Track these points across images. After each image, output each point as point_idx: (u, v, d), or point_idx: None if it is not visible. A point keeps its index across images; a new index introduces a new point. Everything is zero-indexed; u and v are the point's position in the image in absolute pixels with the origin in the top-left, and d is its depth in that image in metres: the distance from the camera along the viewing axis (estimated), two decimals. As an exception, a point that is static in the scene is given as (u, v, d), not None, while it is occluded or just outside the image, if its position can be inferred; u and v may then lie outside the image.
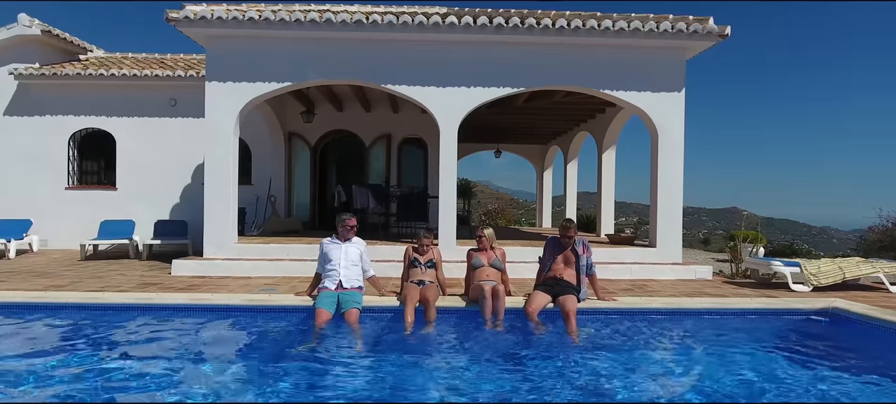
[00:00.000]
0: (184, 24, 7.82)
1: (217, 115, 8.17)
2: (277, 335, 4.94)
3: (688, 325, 5.51)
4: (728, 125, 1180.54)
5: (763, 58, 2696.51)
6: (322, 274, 5.42)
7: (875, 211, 13.59)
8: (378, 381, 3.78)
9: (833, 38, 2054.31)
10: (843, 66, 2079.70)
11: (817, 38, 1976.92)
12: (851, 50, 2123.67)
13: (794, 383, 3.91)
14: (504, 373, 3.98)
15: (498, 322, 5.00)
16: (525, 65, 8.33)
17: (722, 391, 3.76)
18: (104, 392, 3.36)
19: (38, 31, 11.46)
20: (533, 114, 12.43)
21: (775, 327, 5.61)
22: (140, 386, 3.55)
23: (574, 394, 3.52)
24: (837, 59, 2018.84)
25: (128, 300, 5.55)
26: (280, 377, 3.81)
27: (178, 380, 3.66)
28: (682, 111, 8.47)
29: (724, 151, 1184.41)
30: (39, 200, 11.46)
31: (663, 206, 8.54)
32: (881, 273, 7.30)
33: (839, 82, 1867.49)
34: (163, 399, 3.30)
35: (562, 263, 5.61)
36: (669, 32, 7.99)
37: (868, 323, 5.25)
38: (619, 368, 4.11)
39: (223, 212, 8.22)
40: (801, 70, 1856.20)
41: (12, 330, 4.85)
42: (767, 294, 6.80)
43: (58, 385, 3.47)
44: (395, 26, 7.87)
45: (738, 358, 4.49)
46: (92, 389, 3.41)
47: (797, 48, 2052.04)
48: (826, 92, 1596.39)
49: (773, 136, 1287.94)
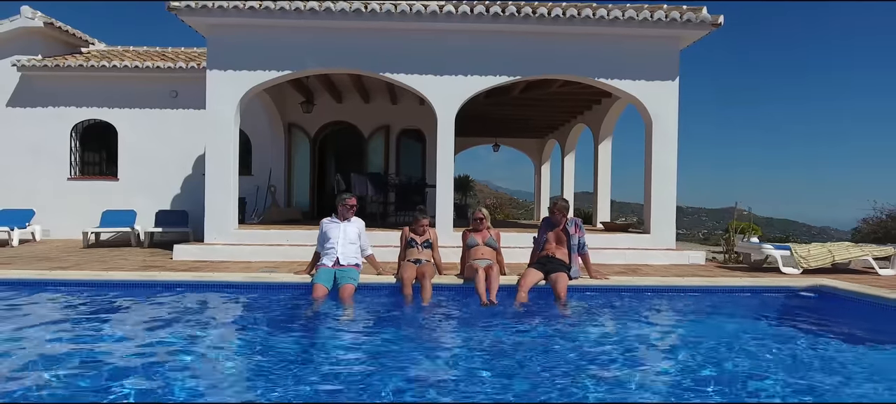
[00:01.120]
0: (185, 13, 7.95)
1: (218, 103, 8.31)
2: (276, 307, 5.08)
3: (677, 302, 5.66)
4: (728, 125, 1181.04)
5: (760, 57, 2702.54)
6: (321, 252, 5.57)
7: (869, 203, 13.77)
8: (373, 351, 3.90)
9: (832, 39, 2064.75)
10: (843, 66, 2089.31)
11: (817, 39, 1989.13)
12: (851, 50, 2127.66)
13: (788, 347, 4.06)
14: (495, 345, 4.10)
15: (491, 298, 5.13)
16: (521, 53, 8.47)
17: (713, 358, 3.89)
18: (110, 362, 3.48)
19: (41, 23, 11.59)
20: (529, 105, 12.56)
21: (765, 301, 5.78)
22: (143, 353, 3.68)
23: (564, 369, 3.61)
24: (837, 60, 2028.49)
25: (133, 277, 5.69)
26: (277, 343, 3.95)
27: (180, 348, 3.79)
28: (675, 100, 8.60)
29: (725, 152, 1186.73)
30: (42, 190, 11.59)
31: (657, 193, 8.67)
32: (870, 256, 7.44)
33: (839, 82, 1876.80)
34: (167, 366, 3.43)
35: (554, 242, 5.75)
36: (663, 21, 8.13)
37: (854, 298, 5.40)
38: (607, 340, 4.24)
39: (224, 198, 8.35)
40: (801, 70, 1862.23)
41: (25, 305, 4.99)
42: (765, 276, 6.94)
43: (69, 356, 3.58)
44: (392, 15, 8.00)
45: (729, 328, 4.65)
46: (100, 360, 3.53)
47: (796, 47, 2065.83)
48: (826, 92, 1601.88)
49: (773, 137, 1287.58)
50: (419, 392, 2.95)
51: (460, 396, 2.95)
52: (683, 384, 3.27)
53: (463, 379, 3.20)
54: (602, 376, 3.31)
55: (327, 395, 2.90)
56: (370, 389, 2.98)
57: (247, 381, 3.22)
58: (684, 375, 3.44)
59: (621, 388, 3.11)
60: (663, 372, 3.50)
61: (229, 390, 3.03)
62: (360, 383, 3.10)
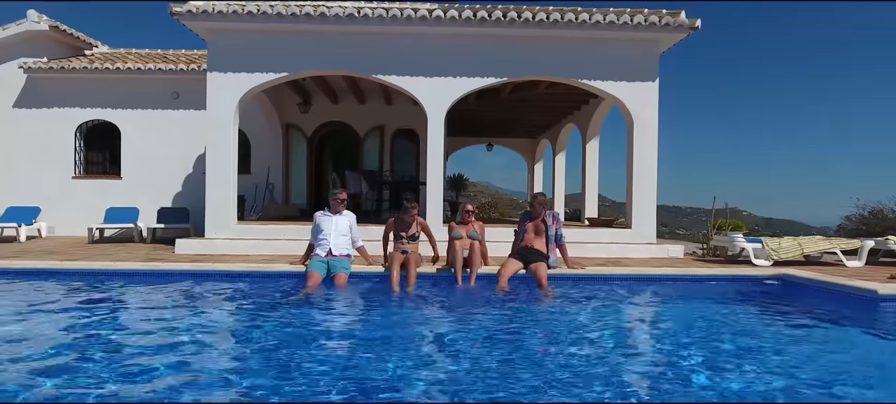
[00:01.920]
0: (187, 19, 8.34)
1: (218, 105, 8.69)
2: (272, 293, 5.47)
3: (647, 290, 6.06)
4: (729, 125, 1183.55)
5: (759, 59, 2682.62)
6: (314, 243, 5.96)
7: (852, 200, 14.14)
8: (362, 327, 4.30)
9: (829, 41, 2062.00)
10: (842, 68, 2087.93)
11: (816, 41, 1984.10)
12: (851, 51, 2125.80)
13: (750, 326, 4.55)
14: (474, 326, 4.50)
15: (470, 282, 5.51)
16: (508, 56, 8.85)
17: (673, 334, 4.30)
18: (120, 343, 3.87)
19: (46, 26, 11.98)
20: (519, 107, 12.95)
21: (732, 289, 6.20)
22: (146, 332, 4.07)
23: (534, 342, 4.00)
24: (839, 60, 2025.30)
25: (138, 267, 6.08)
26: (272, 322, 4.35)
27: (185, 327, 4.18)
28: (656, 100, 8.98)
29: (725, 152, 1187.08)
30: (47, 189, 11.97)
31: (638, 190, 9.06)
32: (837, 249, 7.83)
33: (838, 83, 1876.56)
34: (173, 345, 3.81)
35: (533, 233, 6.14)
36: (643, 25, 8.51)
37: (812, 286, 5.82)
38: (582, 322, 4.64)
39: (224, 195, 8.73)
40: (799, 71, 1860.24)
41: (36, 291, 5.38)
42: (733, 267, 7.33)
43: (80, 339, 3.97)
44: (384, 20, 8.39)
45: (692, 311, 5.07)
46: (109, 339, 3.92)
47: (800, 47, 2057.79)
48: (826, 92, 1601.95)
49: (775, 138, 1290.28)
50: (405, 366, 3.31)
51: (439, 368, 3.33)
52: (646, 357, 3.71)
53: (443, 357, 3.56)
54: (574, 352, 3.69)
55: (318, 371, 3.24)
56: (358, 366, 3.34)
57: (241, 360, 3.55)
58: (648, 350, 3.90)
59: (595, 362, 3.48)
60: (630, 350, 3.91)
61: (228, 366, 3.38)
62: (344, 363, 3.46)
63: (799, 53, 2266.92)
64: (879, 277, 6.22)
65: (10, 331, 3.89)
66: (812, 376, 3.23)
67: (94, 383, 2.84)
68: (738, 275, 6.42)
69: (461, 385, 2.96)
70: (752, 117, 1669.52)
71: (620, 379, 3.12)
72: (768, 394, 2.88)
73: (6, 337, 3.72)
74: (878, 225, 13.22)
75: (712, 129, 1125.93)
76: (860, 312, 5.01)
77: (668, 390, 2.95)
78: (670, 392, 2.92)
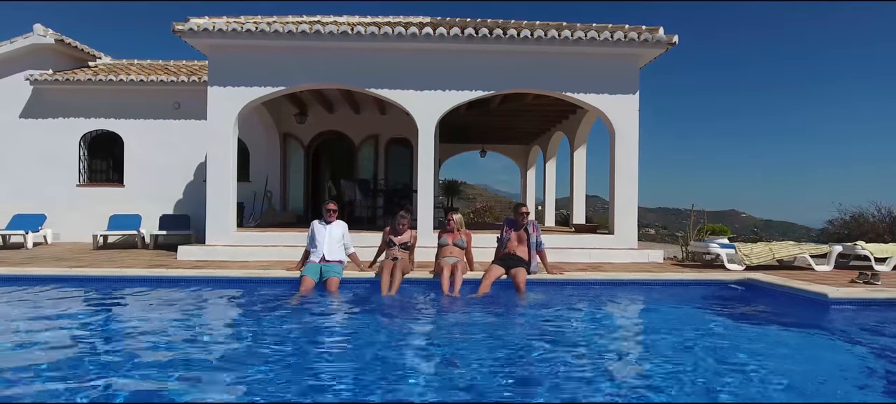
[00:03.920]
0: (188, 35, 8.75)
1: (218, 116, 9.10)
2: (269, 297, 5.88)
3: (619, 293, 6.48)
4: (729, 125, 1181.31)
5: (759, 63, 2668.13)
6: (310, 249, 6.38)
7: (834, 205, 14.60)
8: (352, 327, 4.71)
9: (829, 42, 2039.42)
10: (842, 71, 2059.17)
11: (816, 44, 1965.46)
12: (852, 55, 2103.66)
13: (713, 325, 5.02)
14: (455, 326, 4.91)
15: (454, 291, 5.93)
16: (496, 70, 9.27)
17: (638, 332, 4.72)
18: (125, 344, 4.27)
19: (52, 39, 12.40)
20: (509, 116, 13.39)
21: (700, 293, 6.60)
22: (152, 330, 4.47)
23: (513, 342, 4.40)
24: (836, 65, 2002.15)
25: (143, 273, 6.48)
26: (269, 322, 4.76)
27: (187, 326, 4.59)
28: (636, 112, 9.40)
29: (726, 152, 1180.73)
30: (52, 197, 12.37)
31: (620, 197, 9.47)
32: (807, 254, 8.24)
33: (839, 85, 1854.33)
34: (175, 342, 4.22)
35: (515, 241, 6.55)
36: (623, 41, 8.94)
37: (773, 290, 6.24)
38: (555, 322, 5.06)
39: (224, 203, 9.14)
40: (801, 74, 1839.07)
41: (49, 297, 5.79)
42: (703, 272, 7.73)
43: (87, 339, 4.37)
44: (376, 36, 8.81)
45: (656, 313, 5.50)
46: (117, 338, 4.33)
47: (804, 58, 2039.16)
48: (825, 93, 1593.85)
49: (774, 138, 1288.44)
50: (389, 361, 3.71)
51: (421, 361, 3.73)
52: (615, 349, 4.18)
53: (427, 355, 3.96)
54: (547, 349, 4.10)
55: (314, 368, 3.64)
56: (349, 363, 3.73)
57: (241, 360, 3.91)
58: (617, 344, 4.39)
59: (560, 364, 3.86)
60: (600, 346, 4.34)
61: (228, 366, 3.75)
62: (338, 359, 3.86)
63: (799, 54, 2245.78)
64: (840, 281, 6.64)
65: (32, 338, 4.27)
66: (763, 372, 3.56)
67: (101, 384, 3.12)
68: (706, 280, 6.83)
69: (433, 385, 3.34)
70: (752, 118, 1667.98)
71: (584, 378, 3.48)
72: (712, 393, 3.22)
73: (28, 342, 4.11)
74: (858, 229, 13.69)
75: (718, 134, 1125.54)
76: (813, 314, 5.43)
77: (615, 386, 3.35)
78: (617, 389, 3.30)
